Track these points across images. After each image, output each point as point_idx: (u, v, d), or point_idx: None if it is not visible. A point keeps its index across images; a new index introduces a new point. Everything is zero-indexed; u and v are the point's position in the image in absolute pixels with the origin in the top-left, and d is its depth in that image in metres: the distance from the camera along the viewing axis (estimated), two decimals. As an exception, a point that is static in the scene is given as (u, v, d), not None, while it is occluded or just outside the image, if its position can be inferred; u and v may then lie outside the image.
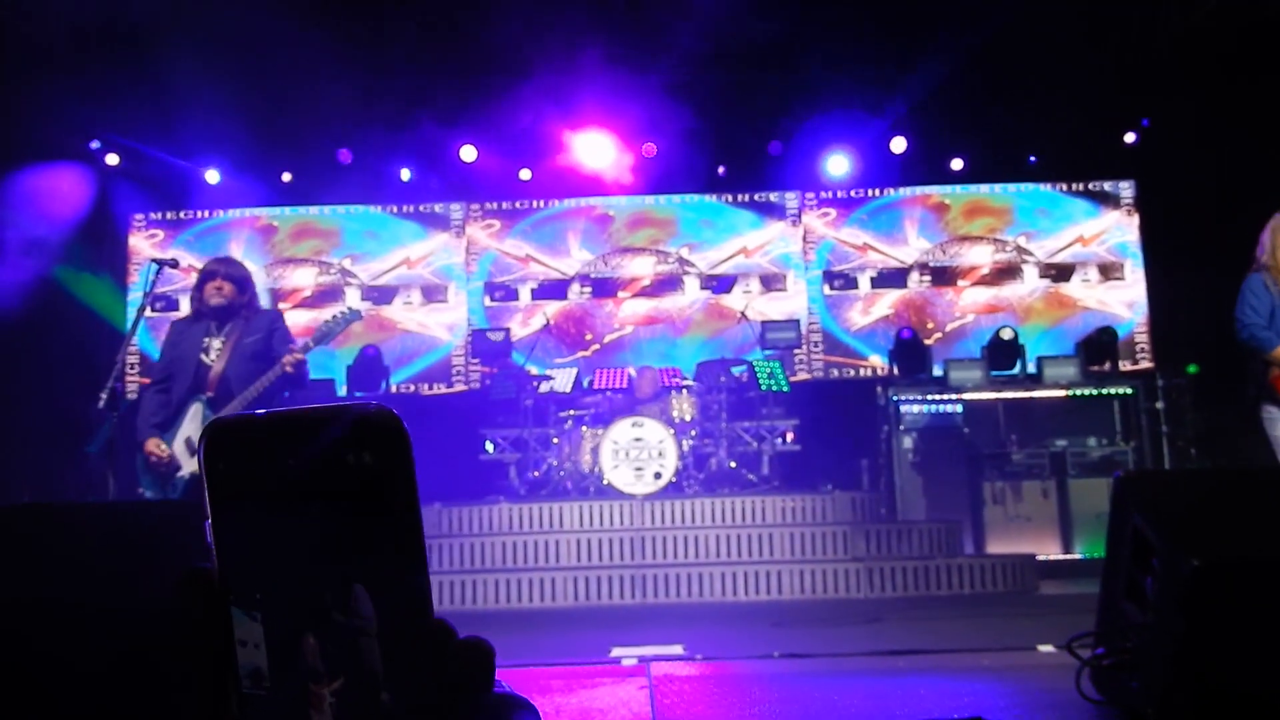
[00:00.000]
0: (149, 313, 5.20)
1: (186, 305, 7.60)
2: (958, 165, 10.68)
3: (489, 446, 9.09)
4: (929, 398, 8.70)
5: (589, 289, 10.84)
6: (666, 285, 10.84)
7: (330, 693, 0.52)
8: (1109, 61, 9.05)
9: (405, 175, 10.66)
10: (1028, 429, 8.56)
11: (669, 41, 8.52)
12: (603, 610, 6.68)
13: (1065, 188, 10.85)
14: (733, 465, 8.52)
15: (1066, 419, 8.61)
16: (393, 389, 10.12)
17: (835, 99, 9.71)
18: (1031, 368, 9.04)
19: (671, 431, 8.05)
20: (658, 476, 7.90)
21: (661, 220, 10.96)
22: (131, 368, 9.87)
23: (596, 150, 10.39)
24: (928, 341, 10.11)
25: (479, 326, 10.59)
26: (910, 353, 9.41)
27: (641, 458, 7.94)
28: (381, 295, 10.83)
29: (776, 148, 10.44)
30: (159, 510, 3.37)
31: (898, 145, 10.36)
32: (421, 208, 10.94)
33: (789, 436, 9.04)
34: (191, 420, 4.79)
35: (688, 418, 8.56)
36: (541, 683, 4.04)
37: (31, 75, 8.24)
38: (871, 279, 10.81)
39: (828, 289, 10.80)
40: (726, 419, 8.65)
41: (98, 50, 8.07)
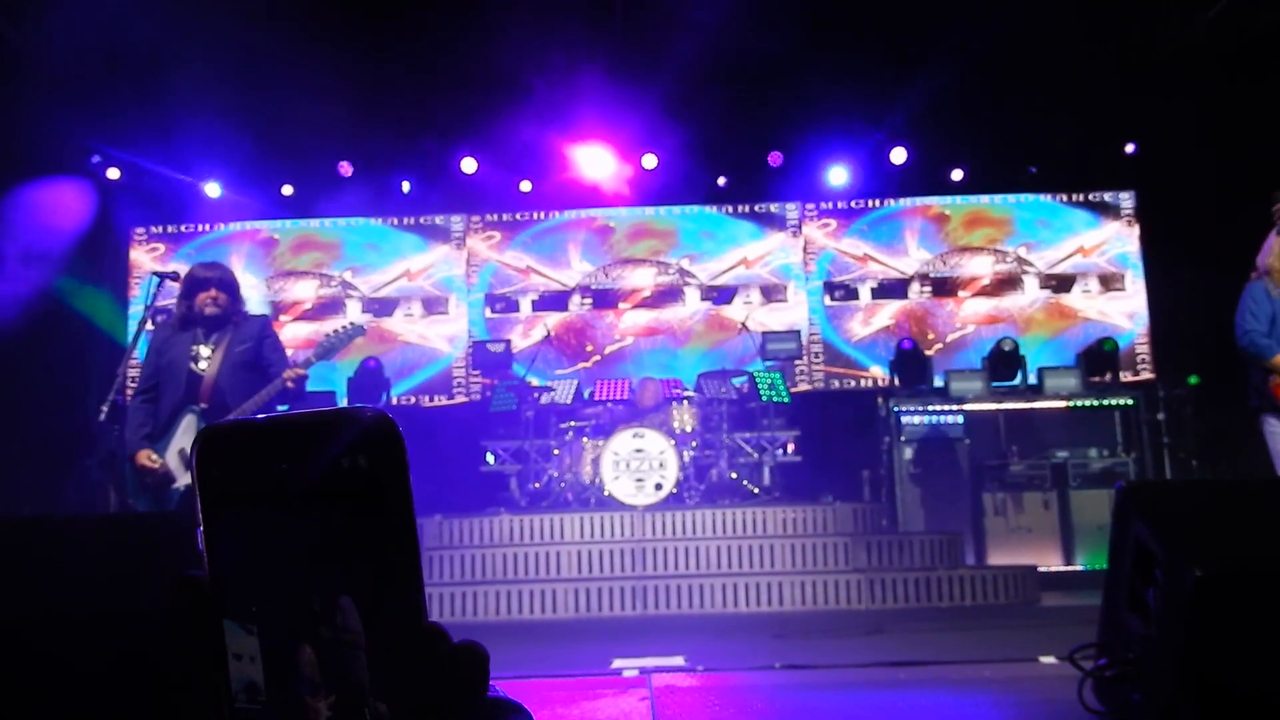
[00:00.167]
0: (150, 326, 5.11)
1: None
2: (958, 176, 10.69)
3: (490, 458, 9.08)
4: (930, 409, 8.70)
5: (590, 300, 10.84)
6: (667, 296, 10.84)
7: (327, 706, 0.51)
8: (1109, 72, 9.06)
9: (406, 187, 10.68)
10: (1029, 440, 8.55)
11: (669, 54, 8.53)
12: (604, 621, 6.66)
13: (1065, 198, 10.86)
14: (734, 476, 8.51)
15: (1067, 430, 8.61)
16: (393, 401, 10.12)
17: (835, 110, 9.73)
18: (1032, 379, 9.04)
19: (672, 442, 8.04)
20: (659, 488, 7.89)
21: (662, 231, 10.97)
22: (132, 381, 9.85)
23: (597, 162, 10.41)
24: (928, 352, 10.10)
25: (480, 338, 10.59)
26: (911, 364, 9.41)
27: (642, 469, 7.93)
28: (382, 307, 10.84)
29: (777, 159, 10.45)
30: (153, 522, 3.34)
31: (898, 156, 10.38)
32: (422, 220, 10.95)
33: (790, 447, 9.04)
34: (185, 432, 4.65)
35: (689, 429, 8.55)
36: (543, 694, 4.03)
37: (33, 90, 8.27)
38: (872, 290, 10.81)
39: (828, 300, 10.81)
40: (727, 430, 8.64)
41: (99, 65, 8.09)
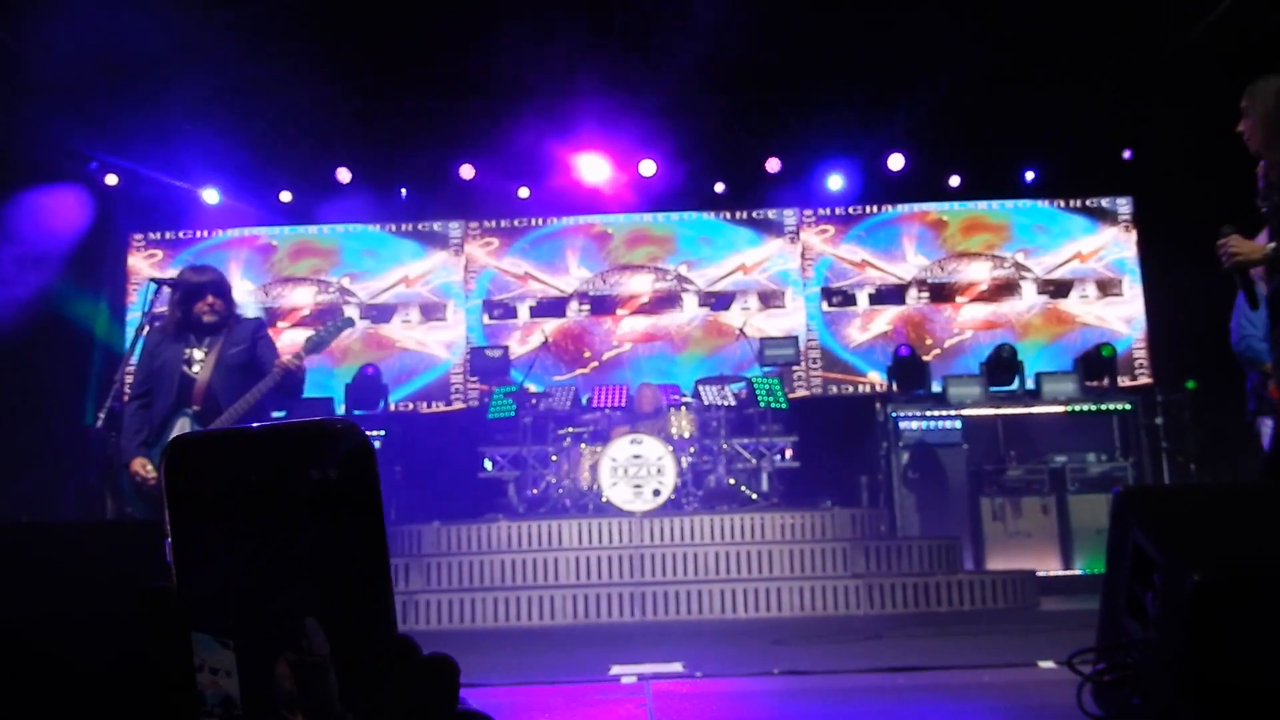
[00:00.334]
0: (146, 332, 5.07)
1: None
2: (955, 182, 10.70)
3: (488, 464, 9.07)
4: (928, 414, 8.70)
5: (587, 306, 10.84)
6: (665, 302, 10.85)
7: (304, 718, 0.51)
8: (1107, 78, 9.08)
9: (403, 194, 10.69)
10: (1027, 445, 8.56)
11: (667, 61, 8.54)
12: (602, 628, 6.65)
13: (1063, 204, 10.87)
14: (732, 482, 8.50)
15: (1066, 435, 8.61)
16: (391, 407, 10.11)
17: (833, 116, 9.74)
18: (1030, 384, 9.04)
19: (670, 448, 8.04)
20: (657, 494, 7.89)
21: (660, 238, 10.98)
22: (129, 388, 9.85)
23: (595, 168, 10.41)
24: (926, 358, 10.11)
25: (478, 344, 10.59)
26: (909, 369, 9.41)
27: (640, 475, 7.92)
28: (380, 313, 10.84)
29: (775, 165, 10.46)
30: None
31: (895, 162, 10.39)
32: (420, 226, 10.95)
33: (788, 453, 9.03)
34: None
35: (686, 434, 8.55)
36: (541, 701, 4.02)
37: (31, 97, 8.27)
38: (870, 295, 10.82)
39: (826, 305, 10.81)
40: (725, 436, 8.64)
41: (97, 72, 8.09)
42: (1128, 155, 10.41)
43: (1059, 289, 10.78)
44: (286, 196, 10.60)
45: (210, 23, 7.66)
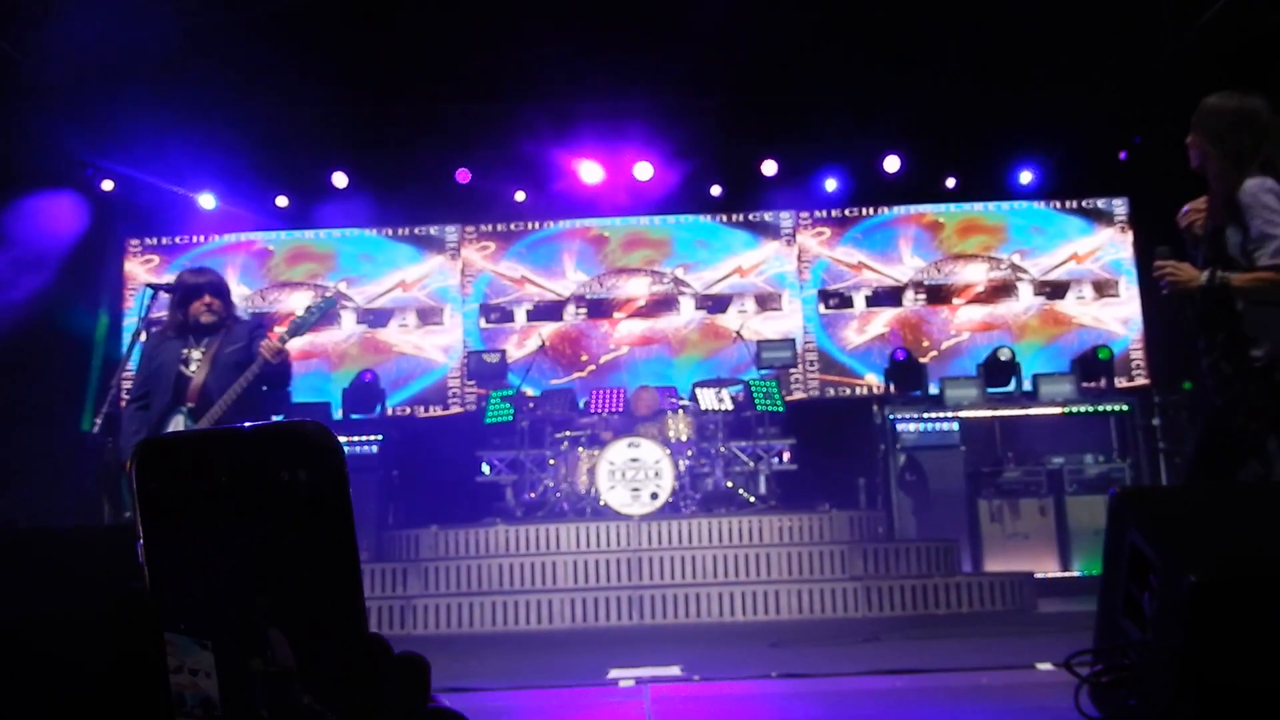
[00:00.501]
0: (143, 337, 5.08)
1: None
2: (951, 184, 10.71)
3: (485, 468, 9.07)
4: (925, 416, 8.70)
5: (584, 310, 10.84)
6: (662, 306, 10.85)
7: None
8: (1102, 79, 9.09)
9: (401, 198, 10.68)
10: (1024, 446, 8.56)
11: (663, 65, 8.55)
12: (600, 631, 6.65)
13: (1059, 205, 10.88)
14: (729, 485, 8.50)
15: (1063, 436, 8.61)
16: (389, 412, 10.10)
17: (829, 118, 9.74)
18: (1027, 385, 9.05)
19: (668, 451, 8.04)
20: (654, 497, 7.88)
21: (656, 241, 10.98)
22: (127, 392, 9.84)
23: (591, 171, 10.42)
24: (923, 360, 10.12)
25: (475, 348, 10.58)
26: (906, 371, 9.42)
27: (638, 478, 7.92)
28: (377, 318, 10.83)
29: (771, 167, 10.46)
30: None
31: (891, 164, 10.39)
32: (417, 230, 10.95)
33: (785, 456, 9.03)
34: None
35: (684, 438, 8.55)
36: (539, 705, 4.02)
37: (27, 102, 8.26)
38: (866, 298, 10.82)
39: (823, 308, 10.82)
40: (723, 439, 8.64)
41: (93, 78, 8.09)
42: (1123, 156, 10.42)
43: (1055, 290, 10.79)
44: (283, 201, 10.59)
45: (206, 28, 7.66)
